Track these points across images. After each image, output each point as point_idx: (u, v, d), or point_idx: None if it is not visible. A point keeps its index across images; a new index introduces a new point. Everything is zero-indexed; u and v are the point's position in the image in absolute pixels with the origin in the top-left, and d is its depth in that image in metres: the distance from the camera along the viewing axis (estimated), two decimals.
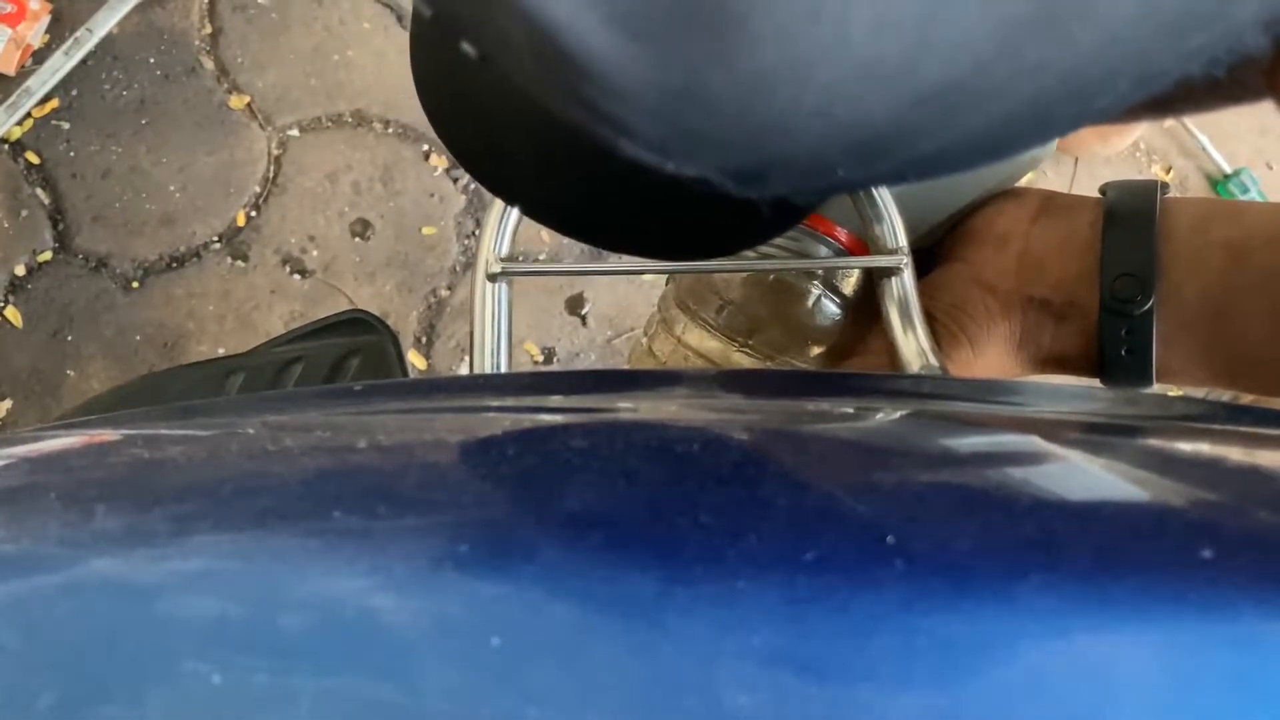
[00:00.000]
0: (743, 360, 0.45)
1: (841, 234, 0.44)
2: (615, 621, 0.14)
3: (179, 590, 0.15)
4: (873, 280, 0.42)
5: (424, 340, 1.48)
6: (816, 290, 0.44)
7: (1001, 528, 0.16)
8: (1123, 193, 0.42)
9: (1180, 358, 0.40)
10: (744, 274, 0.44)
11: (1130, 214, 0.41)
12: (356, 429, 0.22)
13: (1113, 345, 0.40)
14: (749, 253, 0.44)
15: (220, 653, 0.14)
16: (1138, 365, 0.40)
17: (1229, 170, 1.73)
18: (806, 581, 0.14)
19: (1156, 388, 0.41)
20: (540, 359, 1.50)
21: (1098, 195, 0.43)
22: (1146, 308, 0.39)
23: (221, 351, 1.43)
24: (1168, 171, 1.74)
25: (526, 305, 1.51)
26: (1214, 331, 0.39)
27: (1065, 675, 0.13)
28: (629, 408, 0.24)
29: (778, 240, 0.45)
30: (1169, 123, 1.73)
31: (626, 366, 0.67)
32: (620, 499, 0.17)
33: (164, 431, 0.24)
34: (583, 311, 1.52)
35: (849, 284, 0.45)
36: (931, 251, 0.47)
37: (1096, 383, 0.42)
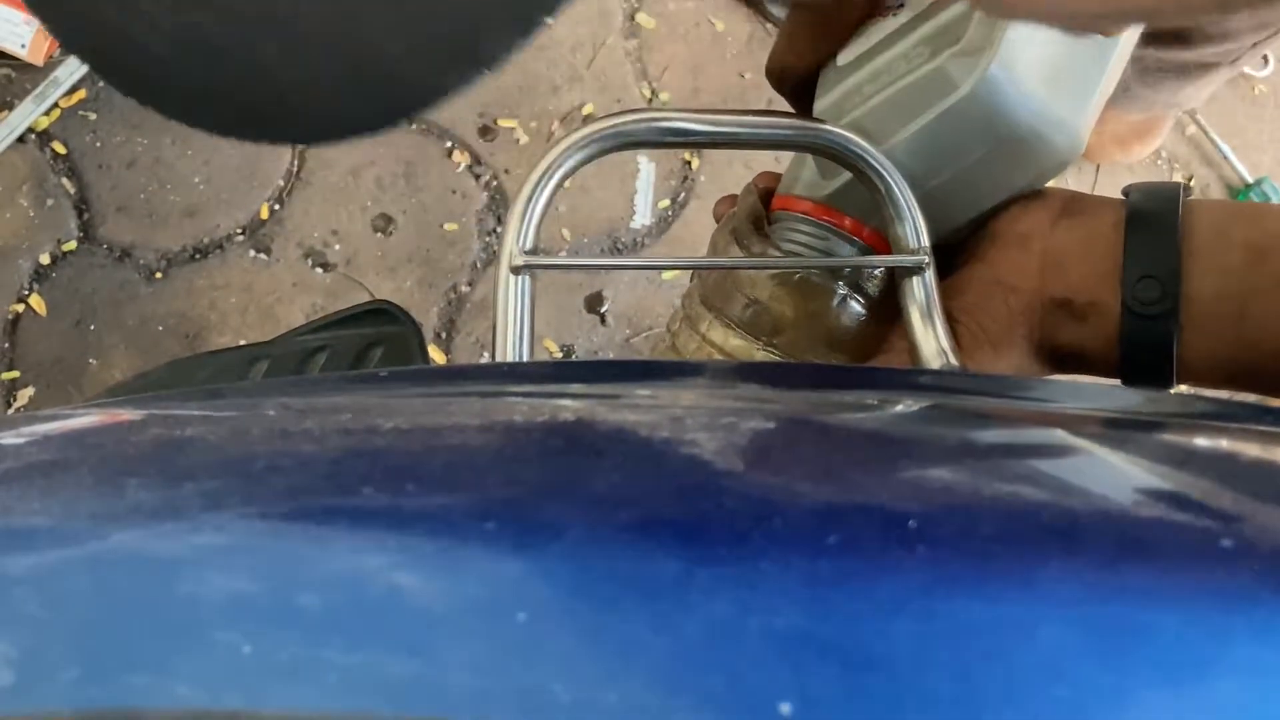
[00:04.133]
0: (766, 359, 0.45)
1: (867, 232, 0.45)
2: (640, 600, 0.14)
3: (210, 563, 0.16)
4: (894, 280, 0.42)
5: (444, 336, 1.48)
6: (842, 290, 0.44)
7: (1023, 515, 0.16)
8: (1145, 195, 0.42)
9: (1202, 360, 0.40)
10: (770, 273, 0.44)
11: (1153, 216, 0.41)
12: (383, 411, 0.22)
13: (1134, 347, 0.40)
14: (774, 252, 0.45)
15: (251, 625, 0.14)
16: (1159, 367, 0.40)
17: (1250, 179, 1.71)
18: (829, 564, 0.15)
19: (1177, 389, 0.41)
20: (559, 356, 1.50)
21: (1120, 197, 0.43)
22: (1169, 309, 0.39)
23: (243, 343, 1.44)
24: (1189, 180, 1.73)
25: (546, 303, 1.51)
26: (1235, 333, 0.39)
27: (1084, 660, 0.13)
28: (650, 395, 0.24)
29: (804, 240, 0.45)
30: (1191, 131, 1.73)
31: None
32: (646, 481, 0.17)
33: (192, 412, 0.24)
34: (602, 310, 1.52)
35: (874, 284, 0.45)
36: (954, 252, 0.47)
37: (1117, 382, 0.41)
